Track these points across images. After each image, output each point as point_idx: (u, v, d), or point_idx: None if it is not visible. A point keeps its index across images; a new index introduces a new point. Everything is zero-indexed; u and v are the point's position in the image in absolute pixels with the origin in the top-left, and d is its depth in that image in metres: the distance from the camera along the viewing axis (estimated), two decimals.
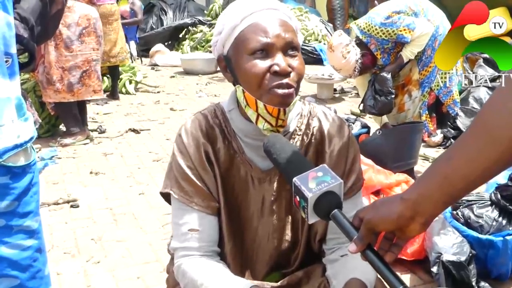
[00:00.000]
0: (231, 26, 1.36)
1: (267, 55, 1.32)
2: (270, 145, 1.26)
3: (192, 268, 1.40)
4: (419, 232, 1.01)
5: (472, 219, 2.75)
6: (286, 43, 1.33)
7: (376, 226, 1.03)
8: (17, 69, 1.44)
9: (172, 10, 11.88)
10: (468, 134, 0.97)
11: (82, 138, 5.28)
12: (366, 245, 1.03)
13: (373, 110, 3.74)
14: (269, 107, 1.34)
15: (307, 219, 1.10)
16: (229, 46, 1.38)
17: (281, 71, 1.30)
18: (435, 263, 2.59)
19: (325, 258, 1.52)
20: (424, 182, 1.00)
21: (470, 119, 4.97)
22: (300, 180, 1.10)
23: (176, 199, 1.43)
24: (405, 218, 0.99)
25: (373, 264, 1.02)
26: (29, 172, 1.48)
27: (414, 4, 3.69)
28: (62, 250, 3.11)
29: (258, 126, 1.38)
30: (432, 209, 0.98)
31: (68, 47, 4.99)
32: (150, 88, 7.91)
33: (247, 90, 1.36)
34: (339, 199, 1.10)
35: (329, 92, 7.25)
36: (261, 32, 1.32)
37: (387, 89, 3.62)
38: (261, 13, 1.35)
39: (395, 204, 1.01)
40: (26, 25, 1.54)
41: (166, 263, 1.76)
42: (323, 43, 10.15)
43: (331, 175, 1.11)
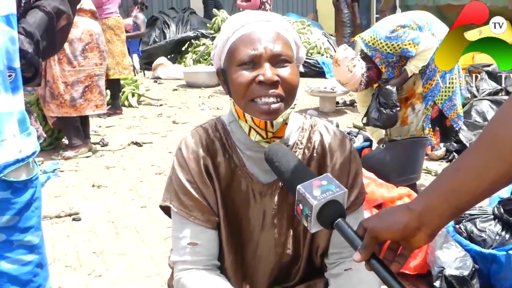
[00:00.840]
0: (224, 39, 1.38)
1: (255, 66, 1.33)
2: (272, 154, 1.25)
3: (191, 281, 1.39)
4: (425, 243, 1.01)
5: (475, 233, 2.74)
6: (274, 55, 1.33)
7: (381, 235, 1.02)
8: (20, 84, 1.44)
9: (175, 24, 11.93)
10: (476, 146, 0.97)
11: (85, 151, 5.28)
12: (371, 254, 1.02)
13: (378, 123, 3.74)
14: (255, 119, 1.34)
15: (309, 227, 1.09)
16: (224, 59, 1.39)
17: (266, 80, 1.30)
18: (437, 278, 2.58)
19: (328, 272, 1.52)
20: (430, 193, 1.00)
21: (473, 133, 4.97)
22: (304, 188, 1.09)
23: (176, 212, 1.43)
24: (411, 228, 0.99)
25: (379, 274, 1.01)
26: (31, 187, 1.47)
27: (418, 18, 3.70)
28: (64, 264, 3.10)
29: (250, 137, 1.39)
30: (438, 220, 0.98)
31: (70, 62, 5.00)
32: (152, 101, 7.92)
33: (236, 102, 1.38)
34: (343, 208, 1.09)
35: (332, 105, 7.25)
36: (249, 44, 1.33)
37: (392, 102, 3.62)
38: (252, 25, 1.36)
39: (401, 213, 1.01)
40: (31, 39, 1.54)
41: (167, 276, 1.75)
42: (326, 56, 10.20)
43: (336, 184, 1.10)
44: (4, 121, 1.37)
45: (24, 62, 1.49)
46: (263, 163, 1.42)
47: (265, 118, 1.33)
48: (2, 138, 1.36)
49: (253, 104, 1.33)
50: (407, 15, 3.78)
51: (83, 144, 5.27)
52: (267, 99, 1.31)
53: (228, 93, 1.42)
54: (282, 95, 1.33)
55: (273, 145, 1.30)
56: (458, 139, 4.98)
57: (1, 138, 1.36)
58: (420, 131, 3.86)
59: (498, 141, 0.92)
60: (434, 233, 1.00)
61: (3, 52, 1.37)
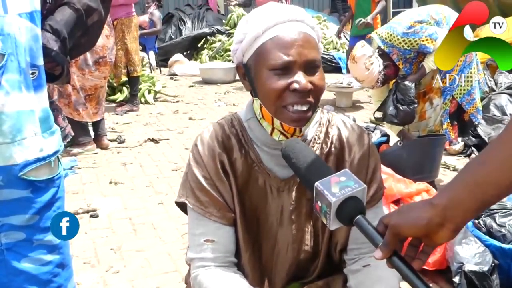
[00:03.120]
0: (253, 36, 1.33)
1: (287, 72, 1.30)
2: (288, 150, 1.23)
3: (208, 279, 1.39)
4: (448, 239, 0.98)
5: (494, 228, 2.71)
6: (307, 61, 1.30)
7: (403, 232, 0.99)
8: (44, 82, 1.43)
9: (191, 20, 11.95)
10: (502, 139, 0.94)
11: (92, 149, 5.31)
12: (392, 251, 0.99)
13: (395, 120, 3.70)
14: (285, 125, 1.33)
15: (328, 225, 1.07)
16: (249, 56, 1.36)
17: (301, 89, 1.28)
18: (457, 273, 2.55)
19: (347, 268, 1.50)
20: (455, 187, 0.97)
21: (491, 127, 4.91)
22: (322, 185, 1.06)
23: (192, 209, 1.43)
24: (434, 224, 0.95)
25: (400, 271, 0.98)
26: (53, 186, 1.46)
27: (435, 12, 3.65)
28: (82, 260, 3.12)
29: (273, 137, 1.37)
30: (462, 215, 0.95)
31: (81, 69, 5.02)
32: (169, 97, 7.94)
33: (264, 104, 1.35)
34: (362, 205, 1.06)
35: (348, 100, 7.22)
36: (282, 49, 1.29)
37: (410, 98, 3.59)
38: (284, 26, 1.31)
39: (424, 209, 0.97)
40: (57, 37, 1.52)
41: (185, 273, 1.75)
42: (342, 51, 10.14)
43: (354, 180, 1.08)
44: (25, 119, 1.36)
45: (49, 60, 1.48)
46: (280, 158, 1.41)
47: (295, 125, 1.33)
48: (22, 136, 1.36)
49: (284, 110, 1.31)
50: (424, 9, 3.74)
51: (89, 141, 5.30)
52: (300, 107, 1.30)
53: (251, 90, 1.40)
54: (312, 102, 1.32)
55: (289, 140, 1.28)
56: (476, 134, 4.92)
57: (22, 136, 1.36)
58: (438, 126, 3.82)
59: None
60: (458, 229, 0.97)
61: (27, 49, 1.37)
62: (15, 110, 1.33)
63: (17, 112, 1.34)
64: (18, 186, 1.38)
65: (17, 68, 1.33)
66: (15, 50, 1.33)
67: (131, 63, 6.80)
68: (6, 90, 1.32)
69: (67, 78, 1.61)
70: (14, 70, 1.33)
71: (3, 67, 1.30)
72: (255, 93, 1.38)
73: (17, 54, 1.33)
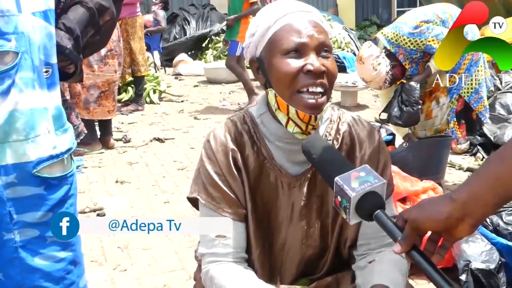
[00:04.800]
0: (265, 27, 1.37)
1: (301, 55, 1.33)
2: (309, 146, 1.24)
3: (220, 274, 1.40)
4: (468, 233, 0.99)
5: (501, 226, 2.71)
6: (319, 43, 1.34)
7: (422, 226, 1.00)
8: (57, 80, 1.44)
9: (195, 20, 11.95)
10: None
11: (98, 148, 5.33)
12: (411, 245, 1.00)
13: (399, 121, 3.69)
14: (300, 113, 1.34)
15: (348, 219, 1.08)
16: (262, 48, 1.39)
17: (315, 70, 1.31)
18: (463, 271, 2.56)
19: (355, 264, 1.51)
20: (475, 182, 0.98)
21: (497, 126, 4.90)
22: (342, 180, 1.08)
23: (203, 204, 1.44)
24: (454, 219, 0.97)
25: (420, 265, 0.99)
26: (66, 183, 1.47)
27: (441, 11, 3.64)
28: (89, 259, 3.14)
29: (288, 129, 1.39)
30: (482, 210, 0.96)
31: (90, 66, 5.02)
32: (174, 97, 7.95)
33: (279, 92, 1.37)
34: (382, 200, 1.07)
35: (353, 100, 7.22)
36: (294, 33, 1.33)
37: (414, 99, 3.56)
38: (295, 15, 1.36)
39: (443, 204, 0.98)
40: (71, 35, 1.54)
41: (192, 271, 1.76)
42: (346, 50, 10.14)
43: (374, 175, 1.09)
44: (38, 117, 1.37)
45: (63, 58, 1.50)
46: (292, 154, 1.43)
47: (310, 113, 1.34)
48: (36, 133, 1.37)
49: (299, 96, 1.33)
50: (430, 9, 3.72)
51: (93, 141, 5.31)
52: (315, 88, 1.32)
53: (265, 83, 1.42)
54: (327, 85, 1.34)
55: (310, 136, 1.30)
56: (482, 133, 4.92)
57: (35, 133, 1.37)
58: (445, 124, 3.81)
59: None
60: (478, 223, 0.98)
61: (40, 48, 1.38)
62: (28, 108, 1.35)
63: (31, 110, 1.35)
64: (31, 183, 1.39)
65: (31, 66, 1.35)
66: (29, 49, 1.34)
67: (135, 63, 6.81)
68: (20, 88, 1.33)
69: (80, 76, 1.62)
70: (28, 68, 1.34)
71: (17, 65, 1.32)
72: (269, 84, 1.40)
73: (31, 52, 1.35)
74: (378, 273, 1.38)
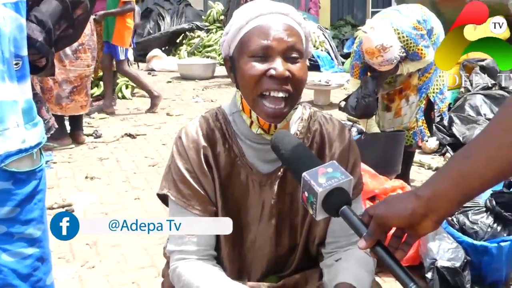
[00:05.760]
0: (237, 27, 1.37)
1: (266, 58, 1.32)
2: (278, 141, 1.25)
3: (188, 271, 1.39)
4: (431, 230, 1.00)
5: (467, 225, 2.76)
6: (287, 47, 1.32)
7: (387, 222, 1.01)
8: (27, 73, 1.41)
9: (170, 15, 11.88)
10: (488, 134, 0.96)
11: (68, 143, 5.26)
12: (376, 241, 1.02)
13: (353, 112, 3.67)
14: (261, 120, 1.34)
15: (315, 215, 1.09)
16: (234, 48, 1.39)
17: (278, 75, 1.30)
18: (429, 269, 2.60)
19: (322, 262, 1.52)
20: (439, 179, 0.99)
21: (466, 126, 4.99)
22: (309, 175, 1.08)
23: (173, 201, 1.43)
24: (418, 215, 0.98)
25: (384, 261, 1.01)
26: (34, 178, 1.45)
27: (422, 13, 3.61)
28: (57, 255, 3.09)
29: (252, 130, 1.39)
30: (446, 207, 0.97)
31: (61, 61, 4.95)
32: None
33: (244, 94, 1.37)
34: (348, 196, 1.08)
35: (326, 99, 7.26)
36: (263, 35, 1.32)
37: (367, 91, 3.52)
38: (267, 17, 1.35)
39: (408, 200, 0.99)
40: (42, 28, 1.51)
41: (161, 268, 1.75)
42: (321, 49, 10.20)
43: (341, 171, 1.10)
44: (7, 109, 1.34)
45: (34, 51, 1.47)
46: (263, 153, 1.43)
47: (270, 121, 1.34)
48: (4, 127, 1.34)
49: (261, 102, 1.33)
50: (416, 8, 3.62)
51: (62, 136, 5.23)
52: (277, 93, 1.32)
53: (235, 82, 1.42)
54: (291, 91, 1.33)
55: (279, 132, 1.30)
56: (451, 133, 5.00)
57: (4, 127, 1.34)
58: (414, 123, 3.84)
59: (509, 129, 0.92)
60: (441, 220, 0.99)
61: (11, 40, 1.35)
62: None
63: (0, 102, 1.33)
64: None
65: (1, 58, 1.32)
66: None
67: None
68: None
69: (51, 70, 1.60)
70: None
71: None
72: (237, 85, 1.41)
73: (1, 44, 1.32)
74: (344, 271, 1.39)
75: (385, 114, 3.88)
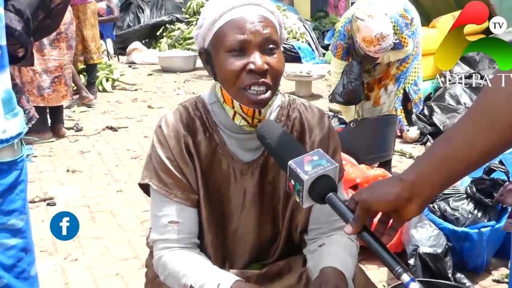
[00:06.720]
0: (211, 21, 1.35)
1: (244, 52, 1.32)
2: (264, 131, 1.26)
3: (173, 260, 1.39)
4: (416, 213, 1.01)
5: (448, 212, 2.79)
6: (263, 40, 1.32)
7: (372, 206, 1.02)
8: (6, 62, 1.39)
9: (150, 8, 11.79)
10: (467, 117, 0.98)
11: (49, 137, 5.21)
12: (362, 226, 1.03)
13: (340, 99, 3.68)
14: (244, 107, 1.35)
15: (301, 203, 1.10)
16: (209, 41, 1.38)
17: (256, 69, 1.30)
18: (412, 256, 2.63)
19: (306, 249, 1.53)
20: (423, 163, 1.01)
21: (447, 116, 5.04)
22: (296, 164, 1.10)
23: (155, 190, 1.43)
24: (402, 199, 0.99)
25: (370, 245, 1.02)
26: (16, 169, 1.43)
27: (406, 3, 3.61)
28: (39, 249, 3.06)
29: (235, 122, 1.39)
30: (430, 190, 0.99)
31: (40, 51, 4.88)
32: (127, 86, 7.84)
33: (224, 87, 1.37)
34: (334, 183, 1.10)
35: (307, 90, 7.27)
36: (238, 29, 1.31)
37: (353, 76, 3.53)
38: (241, 9, 1.34)
39: (392, 184, 1.01)
40: (20, 17, 1.49)
41: (144, 259, 1.75)
42: (301, 41, 10.20)
43: (327, 159, 1.11)
44: None
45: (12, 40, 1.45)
46: (244, 142, 1.44)
47: (255, 107, 1.34)
48: None
49: (243, 92, 1.33)
50: None
51: (44, 130, 5.20)
52: (257, 87, 1.32)
53: (213, 75, 1.42)
54: (270, 84, 1.33)
55: (264, 122, 1.31)
56: (432, 122, 5.05)
57: None
58: (392, 112, 3.87)
59: (489, 111, 0.93)
60: (425, 203, 1.01)
61: None
62: None
63: None
64: None
65: None
66: None
67: (87, 50, 6.66)
68: None
69: (30, 59, 1.58)
70: None
71: None
72: (215, 78, 1.40)
73: None
74: (328, 256, 1.40)
75: (364, 103, 3.90)
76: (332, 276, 1.32)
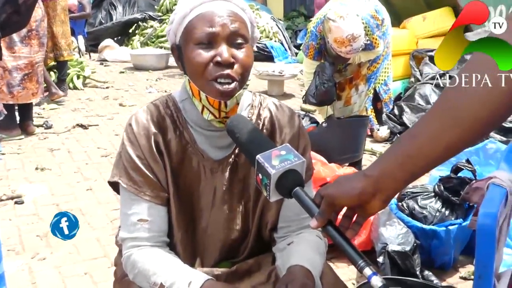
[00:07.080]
0: (181, 16, 1.36)
1: (212, 45, 1.33)
2: (233, 125, 1.27)
3: (143, 258, 1.39)
4: (379, 208, 1.03)
5: (416, 210, 2.83)
6: (231, 33, 1.33)
7: (337, 201, 1.04)
8: None
9: (122, 5, 11.68)
10: (431, 114, 0.99)
11: (17, 134, 5.14)
12: (327, 220, 1.04)
13: (313, 100, 3.71)
14: (210, 98, 1.35)
15: (268, 197, 1.11)
16: (180, 35, 1.39)
17: (223, 61, 1.31)
18: (381, 253, 2.66)
19: (275, 247, 1.54)
20: (387, 159, 1.02)
21: (416, 115, 5.10)
22: (263, 158, 1.11)
23: (125, 188, 1.42)
24: (366, 194, 1.01)
25: (334, 239, 1.04)
26: None
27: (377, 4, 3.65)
28: (6, 248, 3.02)
29: (203, 116, 1.39)
30: (393, 186, 1.01)
31: (11, 48, 4.80)
32: (98, 83, 7.76)
33: (192, 80, 1.38)
34: (301, 178, 1.11)
35: (280, 89, 7.30)
36: (207, 22, 1.32)
37: (326, 77, 3.57)
38: (211, 4, 1.35)
39: (357, 180, 1.02)
40: None
41: (114, 258, 1.74)
42: (274, 40, 10.23)
43: (294, 154, 1.13)
44: None
45: None
46: (214, 139, 1.44)
47: (220, 99, 1.35)
48: None
49: (210, 84, 1.33)
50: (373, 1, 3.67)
51: (14, 127, 5.11)
52: (223, 79, 1.32)
53: (183, 70, 1.42)
54: (236, 78, 1.34)
55: (235, 116, 1.32)
56: (402, 122, 5.10)
57: None
58: (363, 111, 3.92)
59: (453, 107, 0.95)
60: (389, 199, 1.02)
61: None
62: None
63: None
64: None
65: None
66: None
67: (57, 47, 6.57)
68: None
69: None
70: None
71: None
72: (185, 72, 1.41)
73: None
74: (296, 254, 1.41)
75: (335, 103, 3.94)
76: (299, 274, 1.33)
